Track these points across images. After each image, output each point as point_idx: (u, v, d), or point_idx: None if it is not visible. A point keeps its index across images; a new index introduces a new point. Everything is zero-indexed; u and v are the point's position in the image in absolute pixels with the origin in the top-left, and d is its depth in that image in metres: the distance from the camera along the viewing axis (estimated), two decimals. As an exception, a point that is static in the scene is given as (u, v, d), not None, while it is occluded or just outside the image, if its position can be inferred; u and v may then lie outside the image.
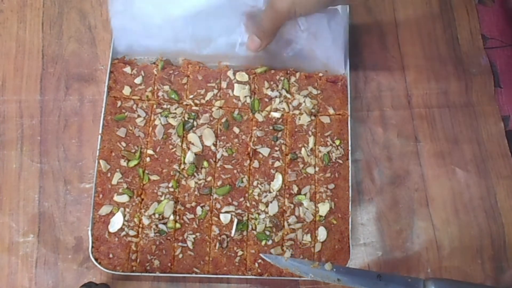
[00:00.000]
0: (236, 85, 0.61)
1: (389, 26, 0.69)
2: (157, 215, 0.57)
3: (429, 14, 0.70)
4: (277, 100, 0.61)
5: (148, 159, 0.59)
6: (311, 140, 0.61)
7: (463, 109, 0.67)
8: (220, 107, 0.61)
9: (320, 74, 0.63)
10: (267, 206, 0.58)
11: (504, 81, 0.68)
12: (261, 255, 0.56)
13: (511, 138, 0.66)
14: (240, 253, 0.57)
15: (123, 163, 0.58)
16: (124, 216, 0.56)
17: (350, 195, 0.60)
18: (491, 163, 0.65)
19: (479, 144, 0.65)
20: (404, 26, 0.69)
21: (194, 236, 0.57)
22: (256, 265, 0.57)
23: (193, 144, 0.59)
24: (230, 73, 0.61)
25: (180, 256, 0.56)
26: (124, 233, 0.56)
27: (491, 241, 0.62)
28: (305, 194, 0.59)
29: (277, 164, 0.60)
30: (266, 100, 0.62)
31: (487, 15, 0.70)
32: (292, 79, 0.63)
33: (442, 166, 0.64)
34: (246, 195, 0.59)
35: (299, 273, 0.55)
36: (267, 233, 0.58)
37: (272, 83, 0.62)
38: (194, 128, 0.60)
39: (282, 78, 0.62)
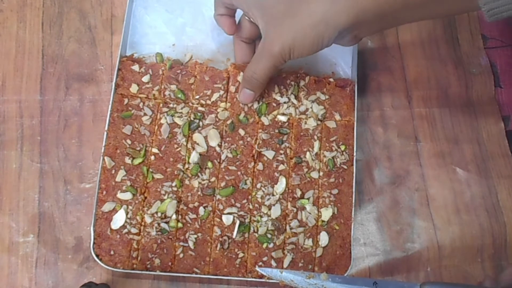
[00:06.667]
0: None
1: (389, 26, 0.69)
2: (159, 214, 0.56)
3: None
4: (285, 105, 0.61)
5: (152, 157, 0.58)
6: (316, 144, 0.60)
7: (463, 109, 0.67)
8: (226, 109, 0.61)
9: (331, 79, 0.63)
10: (269, 209, 0.58)
11: (504, 81, 0.68)
12: (257, 268, 0.56)
13: (512, 138, 0.66)
14: (241, 255, 0.57)
15: (127, 160, 0.58)
16: (127, 213, 0.56)
17: (353, 201, 0.60)
18: (491, 163, 0.65)
19: (479, 144, 0.65)
20: (404, 26, 0.69)
21: (195, 236, 0.57)
22: (257, 267, 0.57)
23: (198, 144, 0.59)
24: (240, 78, 0.61)
25: (181, 255, 0.56)
26: (126, 230, 0.56)
27: (493, 240, 0.62)
28: (308, 199, 0.59)
29: (281, 167, 0.59)
30: (274, 104, 0.61)
31: (487, 15, 0.70)
32: (302, 83, 0.62)
33: (442, 166, 0.64)
34: (249, 197, 0.58)
35: (295, 285, 0.54)
36: (269, 236, 0.57)
37: (282, 87, 0.61)
38: (199, 128, 0.60)
39: (292, 82, 0.62)
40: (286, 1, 0.50)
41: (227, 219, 0.57)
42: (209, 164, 0.59)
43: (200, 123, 0.60)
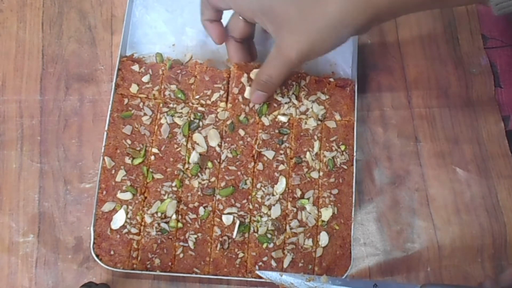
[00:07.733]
0: (248, 88, 0.60)
1: (389, 26, 0.69)
2: (159, 214, 0.56)
3: (429, 14, 0.70)
4: (286, 106, 0.61)
5: (152, 157, 0.58)
6: (316, 144, 0.60)
7: (463, 109, 0.67)
8: (226, 109, 0.60)
9: (331, 79, 0.63)
10: (269, 209, 0.58)
11: (504, 81, 0.68)
12: (257, 272, 0.56)
13: (512, 138, 0.66)
14: (241, 255, 0.57)
15: (127, 160, 0.58)
16: (127, 213, 0.56)
17: (353, 201, 0.60)
18: (491, 162, 0.65)
19: (479, 144, 0.65)
20: (404, 26, 0.69)
21: (195, 236, 0.57)
22: (257, 267, 0.57)
23: (198, 144, 0.59)
24: (244, 79, 0.61)
25: (181, 255, 0.56)
26: (126, 230, 0.56)
27: (493, 240, 0.62)
28: (308, 199, 0.59)
29: (281, 167, 0.59)
30: (275, 105, 0.61)
31: (487, 15, 0.70)
32: (302, 83, 0.62)
33: (442, 166, 0.64)
34: (249, 197, 0.58)
35: None
36: (269, 236, 0.57)
37: (283, 87, 0.61)
38: (199, 128, 0.60)
39: (293, 83, 0.62)
40: (297, 4, 0.49)
41: (227, 219, 0.57)
42: (209, 164, 0.58)
43: (200, 123, 0.60)
